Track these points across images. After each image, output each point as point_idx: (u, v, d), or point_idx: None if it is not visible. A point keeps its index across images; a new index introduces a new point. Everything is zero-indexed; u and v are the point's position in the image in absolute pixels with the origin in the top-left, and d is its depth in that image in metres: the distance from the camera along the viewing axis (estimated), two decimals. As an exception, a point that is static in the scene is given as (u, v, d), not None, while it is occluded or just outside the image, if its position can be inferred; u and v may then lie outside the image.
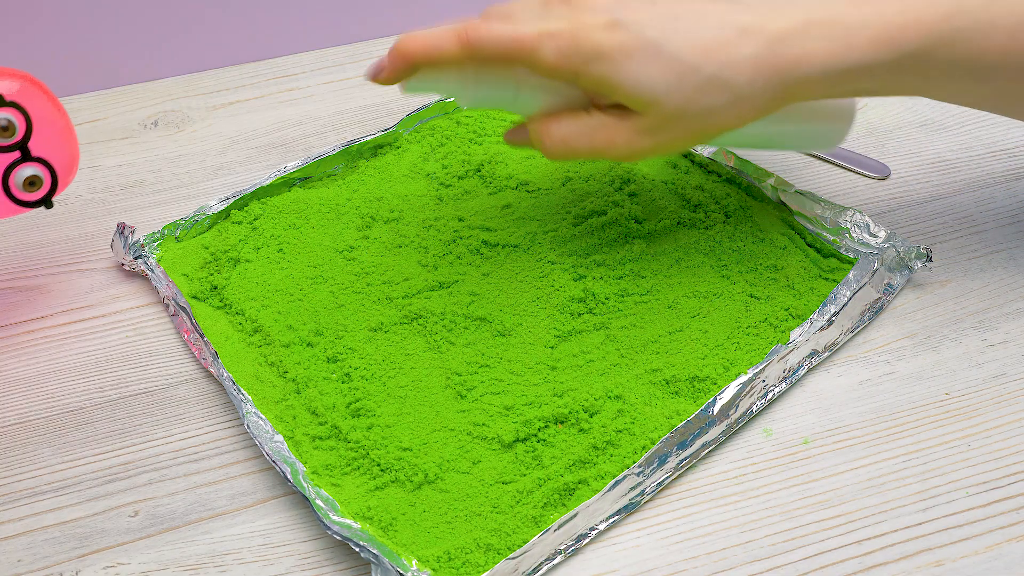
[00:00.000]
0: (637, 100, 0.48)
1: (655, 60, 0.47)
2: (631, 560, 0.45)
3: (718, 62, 0.47)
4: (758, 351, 0.52)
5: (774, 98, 0.48)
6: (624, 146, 0.49)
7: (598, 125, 0.49)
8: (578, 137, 0.50)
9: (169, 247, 0.59)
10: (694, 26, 0.47)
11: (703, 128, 0.49)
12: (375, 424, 0.49)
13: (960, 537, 0.45)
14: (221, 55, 0.74)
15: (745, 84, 0.47)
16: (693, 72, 0.47)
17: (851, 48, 0.48)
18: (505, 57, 0.48)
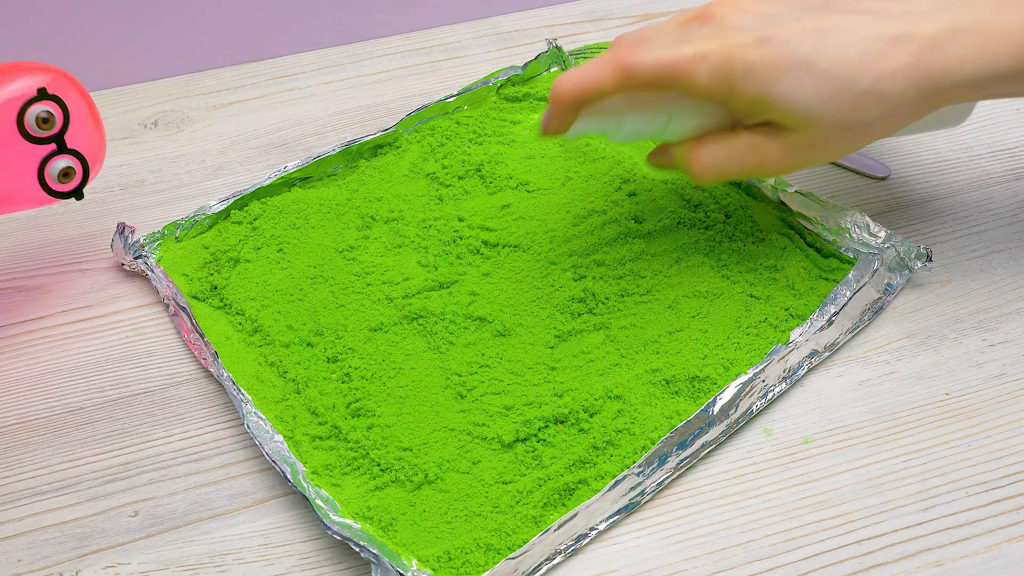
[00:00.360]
0: (792, 117, 0.48)
1: (809, 77, 0.47)
2: (631, 560, 0.45)
3: (872, 76, 0.47)
4: (758, 351, 0.52)
5: (924, 105, 0.49)
6: (777, 163, 0.50)
7: (748, 146, 0.50)
8: (728, 160, 0.50)
9: (169, 247, 0.59)
10: (844, 40, 0.48)
11: (858, 140, 0.50)
12: (375, 424, 0.49)
13: (960, 537, 0.45)
14: (221, 55, 0.74)
15: (899, 95, 0.48)
16: (848, 87, 0.47)
17: (998, 55, 0.48)
18: (660, 82, 0.48)
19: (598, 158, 0.62)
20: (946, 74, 0.48)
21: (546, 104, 0.67)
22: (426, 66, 0.74)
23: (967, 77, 0.48)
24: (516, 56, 0.74)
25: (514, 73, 0.68)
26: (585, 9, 0.79)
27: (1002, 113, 0.68)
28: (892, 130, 0.50)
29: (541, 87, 0.68)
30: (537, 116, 0.67)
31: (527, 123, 0.66)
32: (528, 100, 0.68)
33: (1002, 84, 0.49)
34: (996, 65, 0.48)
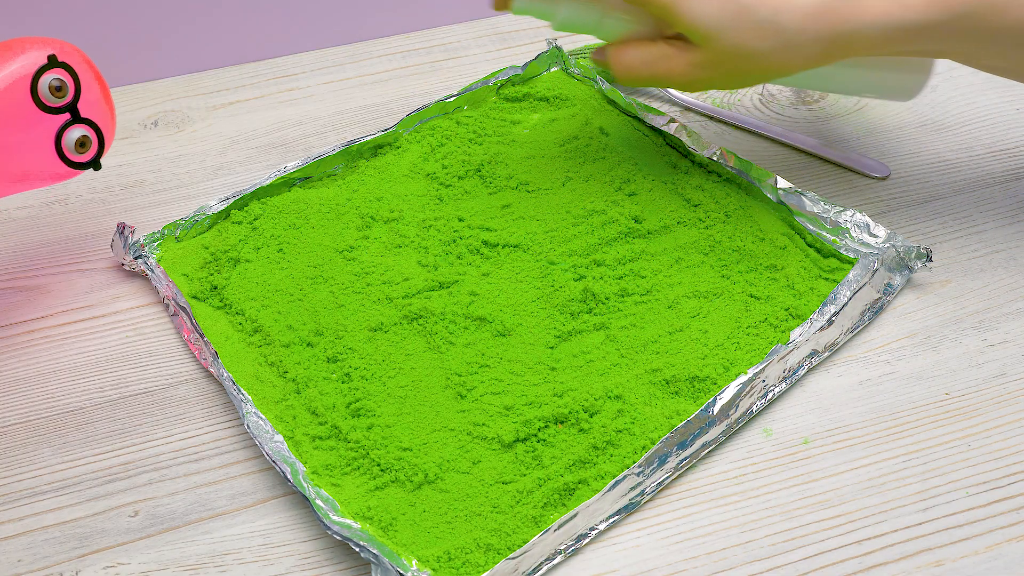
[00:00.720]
0: (693, 32, 0.51)
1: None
2: (631, 560, 0.45)
3: (772, 6, 0.50)
4: (758, 351, 0.52)
5: (825, 50, 0.51)
6: (680, 75, 0.53)
7: (660, 55, 0.53)
8: (642, 64, 0.54)
9: (169, 247, 0.59)
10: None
11: (754, 69, 0.52)
12: (375, 424, 0.49)
13: (960, 537, 0.45)
14: (221, 55, 0.74)
15: (796, 31, 0.50)
16: (748, 12, 0.50)
17: (905, 7, 0.49)
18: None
19: (598, 158, 0.62)
20: (848, 20, 0.50)
21: (546, 104, 0.68)
22: (426, 66, 0.74)
23: (870, 26, 0.50)
24: (516, 56, 0.74)
25: (514, 73, 0.68)
26: (585, 9, 0.79)
27: (1002, 113, 0.68)
28: (790, 68, 0.52)
29: (541, 87, 0.68)
30: (537, 116, 0.67)
31: (527, 123, 0.66)
32: (528, 100, 0.68)
33: (911, 39, 0.50)
34: (903, 17, 0.50)
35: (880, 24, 0.50)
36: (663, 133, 0.64)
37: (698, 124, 0.68)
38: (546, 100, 0.68)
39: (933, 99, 0.69)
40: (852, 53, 0.51)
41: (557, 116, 0.66)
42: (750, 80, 0.53)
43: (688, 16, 0.51)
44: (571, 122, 0.65)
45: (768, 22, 0.50)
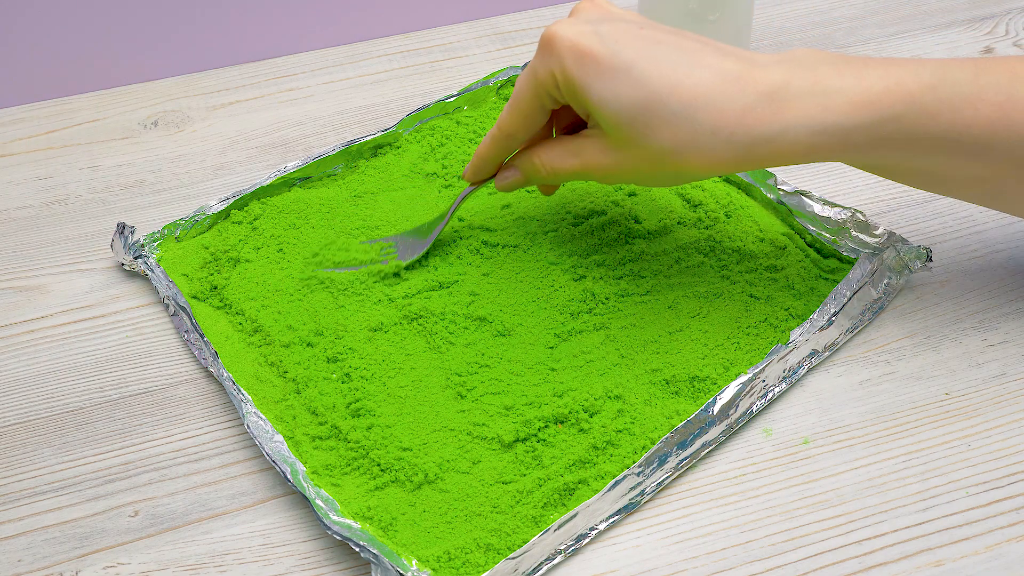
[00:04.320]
0: (603, 119, 0.47)
1: (624, 79, 0.46)
2: (631, 560, 0.45)
3: (686, 100, 0.45)
4: (758, 351, 0.52)
5: (742, 155, 0.46)
6: (596, 166, 0.50)
7: (577, 147, 0.50)
8: (560, 159, 0.51)
9: (169, 247, 0.59)
10: (673, 57, 0.46)
11: (666, 167, 0.48)
12: (375, 424, 0.49)
13: (960, 537, 0.45)
14: (221, 55, 0.74)
15: (710, 132, 0.46)
16: (659, 103, 0.46)
17: (828, 110, 0.46)
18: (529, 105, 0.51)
19: (598, 158, 0.62)
20: (768, 123, 0.45)
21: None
22: (426, 66, 0.74)
23: (791, 128, 0.46)
24: (516, 56, 0.74)
25: (514, 73, 0.68)
26: (585, 9, 0.79)
27: (1002, 113, 0.68)
28: (707, 172, 0.47)
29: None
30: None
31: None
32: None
33: (832, 146, 0.46)
34: (825, 120, 0.45)
35: (802, 127, 0.45)
36: None
37: (698, 124, 0.68)
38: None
39: (933, 99, 0.69)
40: (773, 161, 0.47)
41: (557, 116, 0.66)
42: (664, 179, 0.49)
43: (595, 101, 0.47)
44: (571, 122, 0.65)
45: (679, 117, 0.45)
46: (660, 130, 0.46)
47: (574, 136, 0.51)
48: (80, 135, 0.69)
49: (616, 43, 0.47)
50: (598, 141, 0.49)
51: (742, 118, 0.45)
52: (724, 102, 0.45)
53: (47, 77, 0.71)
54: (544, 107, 0.50)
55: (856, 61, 0.47)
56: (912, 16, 0.76)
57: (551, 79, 0.48)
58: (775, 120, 0.46)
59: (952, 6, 0.77)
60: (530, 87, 0.49)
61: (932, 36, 0.74)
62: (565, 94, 0.49)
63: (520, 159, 0.53)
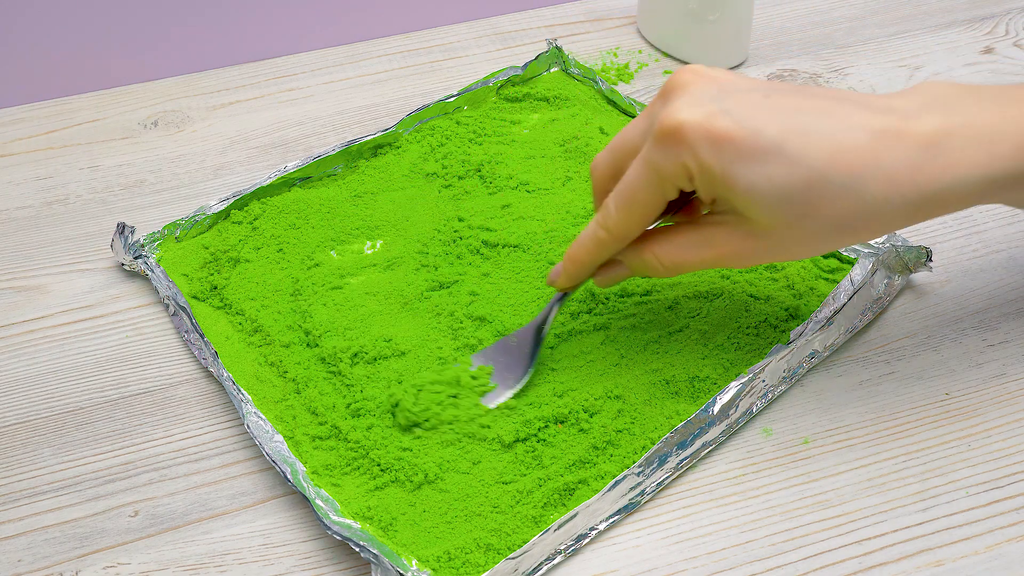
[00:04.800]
0: (754, 207, 0.43)
1: (776, 162, 0.42)
2: (631, 560, 0.45)
3: (851, 171, 0.42)
4: (758, 351, 0.52)
5: (911, 213, 0.43)
6: (737, 259, 0.45)
7: (707, 240, 0.45)
8: (686, 255, 0.46)
9: (169, 247, 0.59)
10: (820, 126, 0.42)
11: (831, 243, 0.44)
12: (375, 424, 0.49)
13: (960, 537, 0.45)
14: (221, 55, 0.74)
15: (881, 198, 0.42)
16: (822, 180, 0.42)
17: (995, 157, 0.43)
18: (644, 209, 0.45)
19: (598, 158, 0.62)
20: (937, 180, 0.42)
21: (546, 104, 0.68)
22: (426, 66, 0.74)
23: (960, 182, 0.43)
24: (516, 56, 0.74)
25: (514, 73, 0.68)
26: (585, 9, 0.79)
27: (1002, 113, 0.68)
28: (873, 235, 0.44)
29: (541, 87, 0.68)
30: (537, 116, 0.67)
31: (527, 123, 0.66)
32: (528, 100, 0.68)
33: (999, 190, 0.44)
34: (992, 169, 0.43)
35: (971, 179, 0.42)
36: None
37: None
38: (546, 100, 0.68)
39: (933, 99, 0.69)
40: (940, 212, 0.44)
41: (557, 116, 0.66)
42: (821, 251, 0.46)
43: (745, 189, 0.42)
44: (571, 122, 0.65)
45: (847, 189, 0.41)
46: (827, 207, 0.42)
47: (698, 224, 0.46)
48: (80, 135, 0.69)
49: (753, 120, 0.42)
50: (735, 228, 0.44)
51: (911, 178, 0.42)
52: (889, 164, 0.42)
53: (47, 77, 0.71)
54: (666, 201, 0.45)
55: (1005, 96, 0.44)
56: (912, 16, 0.76)
57: (683, 172, 0.43)
58: (945, 175, 0.42)
59: (952, 6, 0.77)
60: (652, 183, 0.44)
61: (932, 36, 0.74)
62: (700, 185, 0.43)
63: (627, 255, 0.47)
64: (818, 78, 0.71)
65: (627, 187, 0.45)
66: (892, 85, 0.70)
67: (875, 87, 0.70)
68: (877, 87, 0.70)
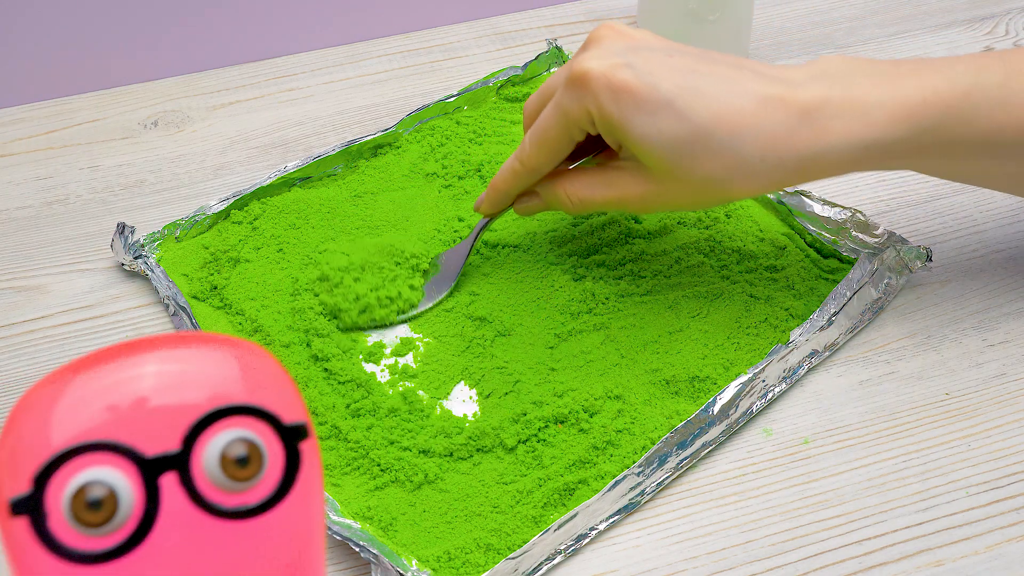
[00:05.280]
0: (646, 155, 0.47)
1: (665, 116, 0.46)
2: (631, 560, 0.45)
3: (732, 131, 0.46)
4: (758, 351, 0.52)
5: (788, 176, 0.47)
6: (634, 200, 0.50)
7: (609, 179, 0.50)
8: (591, 191, 0.51)
9: (169, 247, 0.59)
10: (711, 87, 0.46)
11: (712, 194, 0.48)
12: (375, 424, 0.49)
13: (960, 537, 0.45)
14: (221, 55, 0.74)
15: (756, 159, 0.46)
16: (704, 137, 0.46)
17: (869, 126, 0.46)
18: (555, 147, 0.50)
19: (598, 158, 0.62)
20: (812, 144, 0.46)
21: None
22: (426, 66, 0.74)
23: (833, 148, 0.46)
24: (516, 56, 0.74)
25: (514, 73, 0.68)
26: (585, 9, 0.79)
27: (1002, 113, 0.68)
28: (752, 193, 0.49)
29: (541, 87, 0.68)
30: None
31: (527, 123, 0.66)
32: (528, 100, 0.68)
33: (873, 158, 0.48)
34: (866, 137, 0.46)
35: (844, 145, 0.46)
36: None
37: (698, 124, 0.68)
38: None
39: (933, 99, 0.69)
40: (816, 177, 0.48)
41: (557, 116, 0.66)
42: (705, 204, 0.51)
43: (637, 138, 0.46)
44: (571, 122, 0.65)
45: (726, 147, 0.46)
46: (707, 161, 0.46)
47: (604, 167, 0.51)
48: (80, 135, 0.69)
49: (652, 75, 0.46)
50: (634, 173, 0.49)
51: (787, 141, 0.46)
52: (768, 127, 0.46)
53: (47, 77, 0.71)
54: (572, 141, 0.50)
55: (889, 69, 0.48)
56: (912, 16, 0.76)
57: (585, 116, 0.48)
58: (819, 140, 0.46)
59: (952, 6, 0.77)
60: (560, 123, 0.49)
61: (932, 36, 0.74)
62: (600, 129, 0.48)
63: (544, 188, 0.52)
64: (818, 78, 0.71)
65: (540, 126, 0.50)
66: (892, 85, 0.70)
67: (875, 87, 0.70)
68: (877, 87, 0.70)
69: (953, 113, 0.47)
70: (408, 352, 0.53)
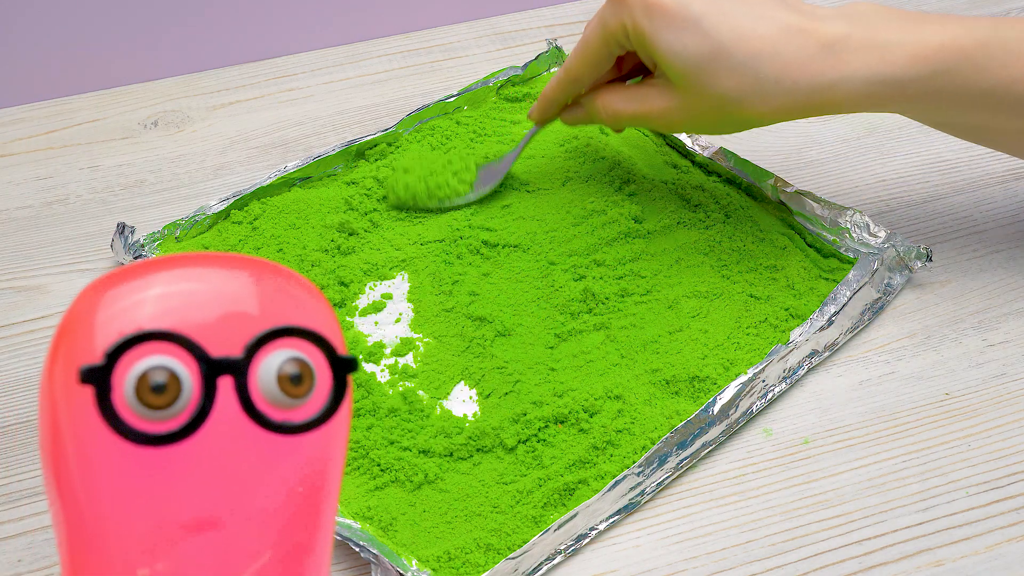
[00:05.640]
0: (671, 69, 0.50)
1: (691, 32, 0.49)
2: (631, 560, 0.45)
3: (751, 51, 0.48)
4: (758, 351, 0.52)
5: (802, 103, 0.49)
6: (658, 114, 0.53)
7: (640, 95, 0.53)
8: (623, 104, 0.54)
9: (169, 247, 0.59)
10: (738, 10, 0.49)
11: (728, 114, 0.50)
12: (375, 424, 0.49)
13: (960, 537, 0.45)
14: (221, 55, 0.74)
15: (772, 80, 0.48)
16: (725, 54, 0.48)
17: (886, 62, 0.48)
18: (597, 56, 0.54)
19: (598, 158, 0.62)
20: (827, 73, 0.48)
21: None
22: (426, 66, 0.74)
23: (849, 79, 0.48)
24: (516, 56, 0.74)
25: (514, 73, 0.68)
26: (585, 9, 0.79)
27: (1002, 113, 0.68)
28: (766, 119, 0.50)
29: (541, 87, 0.68)
30: (537, 116, 0.67)
31: (527, 123, 0.66)
32: (528, 100, 0.68)
33: (886, 95, 0.49)
34: (882, 72, 0.48)
35: (860, 78, 0.49)
36: (663, 133, 0.64)
37: (698, 124, 0.68)
38: (546, 100, 0.68)
39: (933, 99, 0.69)
40: (830, 109, 0.50)
41: (557, 116, 0.66)
42: (726, 127, 0.52)
43: (664, 52, 0.50)
44: (571, 122, 0.65)
45: (744, 67, 0.48)
46: (725, 79, 0.49)
47: (638, 84, 0.54)
48: (80, 135, 0.69)
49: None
50: (662, 89, 0.52)
51: (804, 68, 0.48)
52: (787, 53, 0.48)
53: (47, 77, 0.71)
54: (611, 54, 0.53)
55: (914, 16, 0.50)
56: (912, 16, 0.76)
57: (621, 29, 0.51)
58: (835, 69, 0.48)
59: (952, 6, 0.77)
60: (598, 35, 0.52)
61: (932, 36, 0.74)
62: (634, 43, 0.51)
63: (586, 99, 0.56)
64: (818, 78, 0.71)
65: (583, 37, 0.54)
66: (892, 85, 0.70)
67: (875, 87, 0.70)
68: (877, 87, 0.70)
69: (969, 60, 0.49)
70: (408, 352, 0.53)
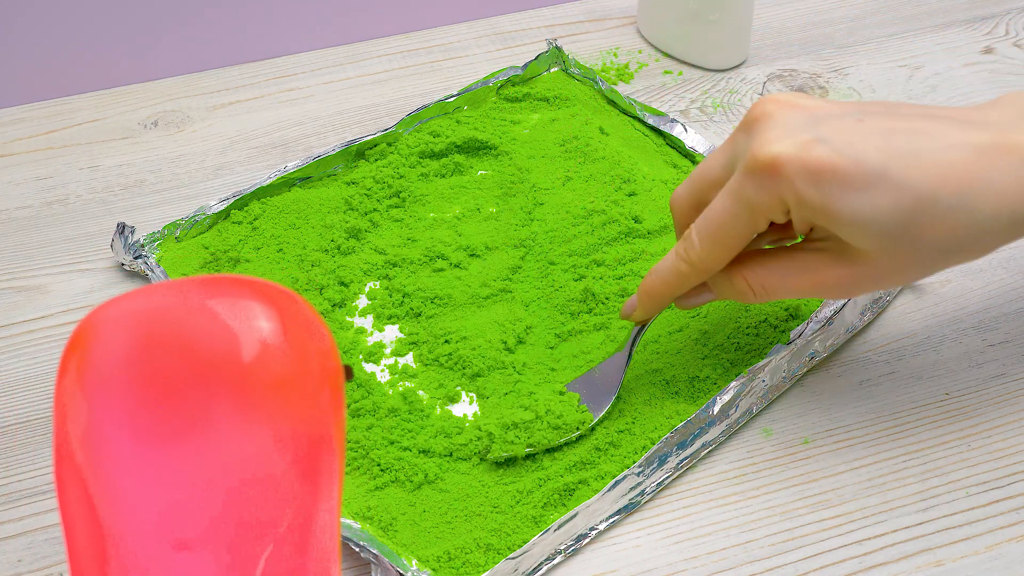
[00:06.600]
0: (862, 238, 0.41)
1: (881, 189, 0.40)
2: (631, 560, 0.45)
3: (958, 190, 0.40)
4: (758, 351, 0.52)
5: (1017, 228, 0.42)
6: (841, 289, 0.44)
7: (805, 267, 0.44)
8: (784, 277, 0.44)
9: (169, 247, 0.59)
10: (920, 146, 0.41)
11: (935, 265, 0.43)
12: (375, 424, 0.49)
13: (960, 537, 0.45)
14: (221, 55, 0.74)
15: (990, 214, 0.40)
16: (930, 202, 0.40)
17: None
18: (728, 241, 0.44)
19: (598, 158, 0.62)
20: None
21: (546, 104, 0.67)
22: (426, 66, 0.74)
23: None
24: (516, 56, 0.74)
25: (514, 73, 0.68)
26: (585, 9, 0.79)
27: (1002, 113, 0.68)
28: (983, 253, 0.43)
29: (541, 87, 0.68)
30: (537, 116, 0.67)
31: (527, 123, 0.66)
32: (528, 100, 0.68)
33: None
34: None
35: None
36: (663, 133, 0.64)
37: (699, 124, 0.68)
38: (546, 100, 0.68)
39: (933, 100, 0.69)
40: None
41: (557, 116, 0.66)
42: (925, 275, 0.44)
43: (851, 220, 0.40)
44: (571, 122, 0.65)
45: (958, 210, 0.40)
46: (933, 229, 0.41)
47: (795, 250, 0.44)
48: (80, 135, 0.69)
49: (851, 147, 0.40)
50: (836, 255, 0.43)
51: (1016, 191, 0.41)
52: (998, 180, 0.40)
53: (47, 77, 0.71)
54: (756, 232, 0.44)
55: None
56: (912, 16, 0.76)
57: (778, 206, 0.42)
58: None
59: (952, 6, 0.77)
60: (742, 217, 0.42)
61: (932, 36, 0.74)
62: (796, 217, 0.42)
63: (716, 280, 0.46)
64: (818, 78, 0.71)
65: (714, 220, 0.43)
66: (892, 85, 0.70)
67: (875, 87, 0.70)
68: (877, 87, 0.70)
69: None
70: (408, 352, 0.53)
